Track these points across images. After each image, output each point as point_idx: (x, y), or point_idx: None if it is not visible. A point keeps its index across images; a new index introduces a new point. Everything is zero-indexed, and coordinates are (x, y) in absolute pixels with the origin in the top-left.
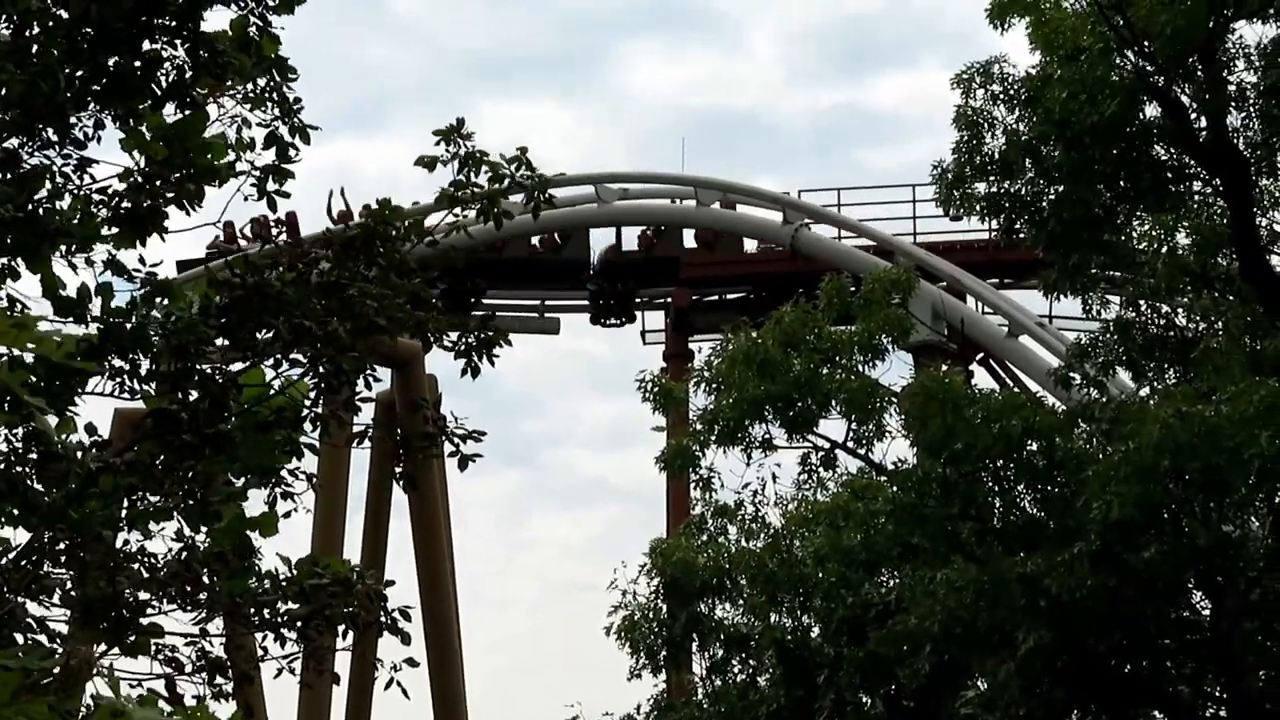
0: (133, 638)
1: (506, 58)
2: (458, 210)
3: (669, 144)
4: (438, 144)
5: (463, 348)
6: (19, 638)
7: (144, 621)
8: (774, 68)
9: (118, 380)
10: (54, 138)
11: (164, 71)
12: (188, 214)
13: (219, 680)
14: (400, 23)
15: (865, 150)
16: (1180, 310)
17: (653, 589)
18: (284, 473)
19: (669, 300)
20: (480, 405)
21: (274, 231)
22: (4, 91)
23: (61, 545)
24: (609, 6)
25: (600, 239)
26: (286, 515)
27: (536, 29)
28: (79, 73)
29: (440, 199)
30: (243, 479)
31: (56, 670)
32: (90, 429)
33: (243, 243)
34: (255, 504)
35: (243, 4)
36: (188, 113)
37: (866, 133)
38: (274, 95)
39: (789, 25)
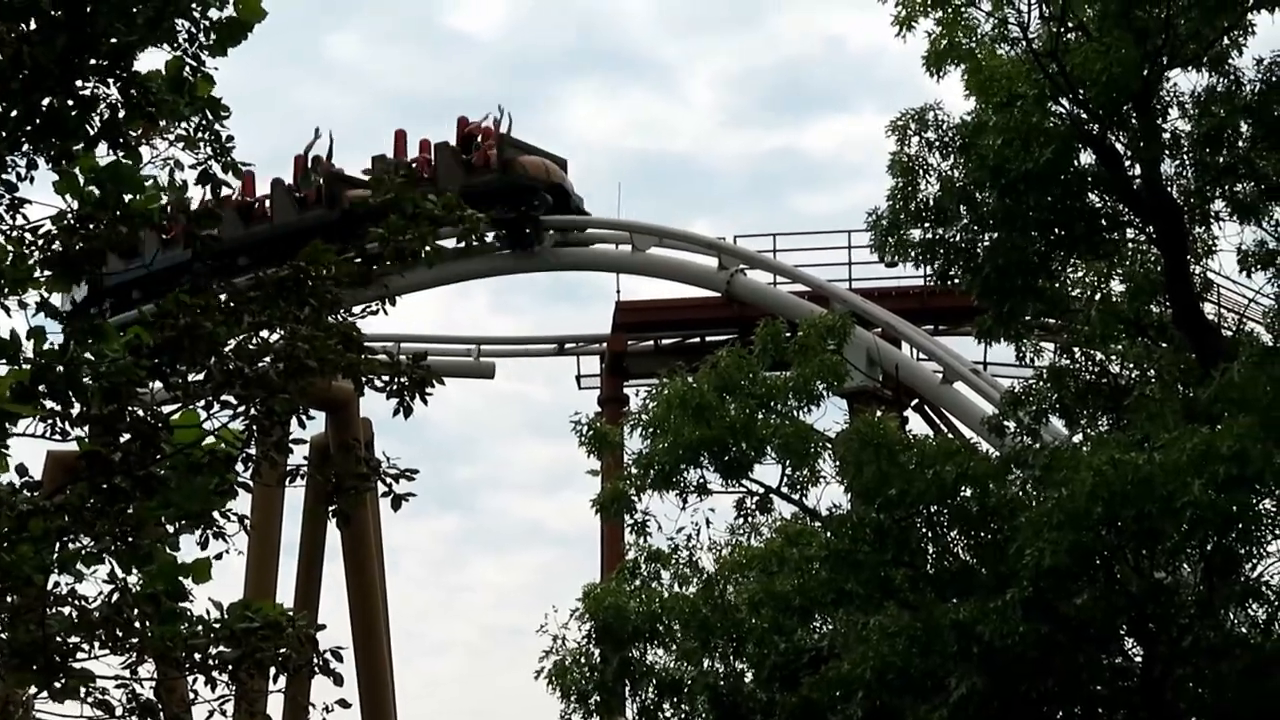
0: (63, 681)
1: (443, 100)
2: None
3: (606, 187)
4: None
5: (395, 388)
6: None
7: (74, 665)
8: (711, 112)
9: (49, 422)
10: None
11: (97, 112)
12: (120, 257)
13: None
14: (338, 66)
15: (802, 195)
16: (1114, 358)
17: (584, 634)
18: (215, 514)
19: (604, 345)
20: (416, 450)
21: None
22: None
23: None
24: (546, 50)
25: None
26: (218, 556)
27: (473, 72)
28: (12, 113)
29: (372, 239)
30: (175, 524)
31: None
32: (21, 470)
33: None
34: (187, 547)
35: (177, 45)
36: (120, 154)
37: (803, 178)
38: (207, 134)
39: (726, 69)
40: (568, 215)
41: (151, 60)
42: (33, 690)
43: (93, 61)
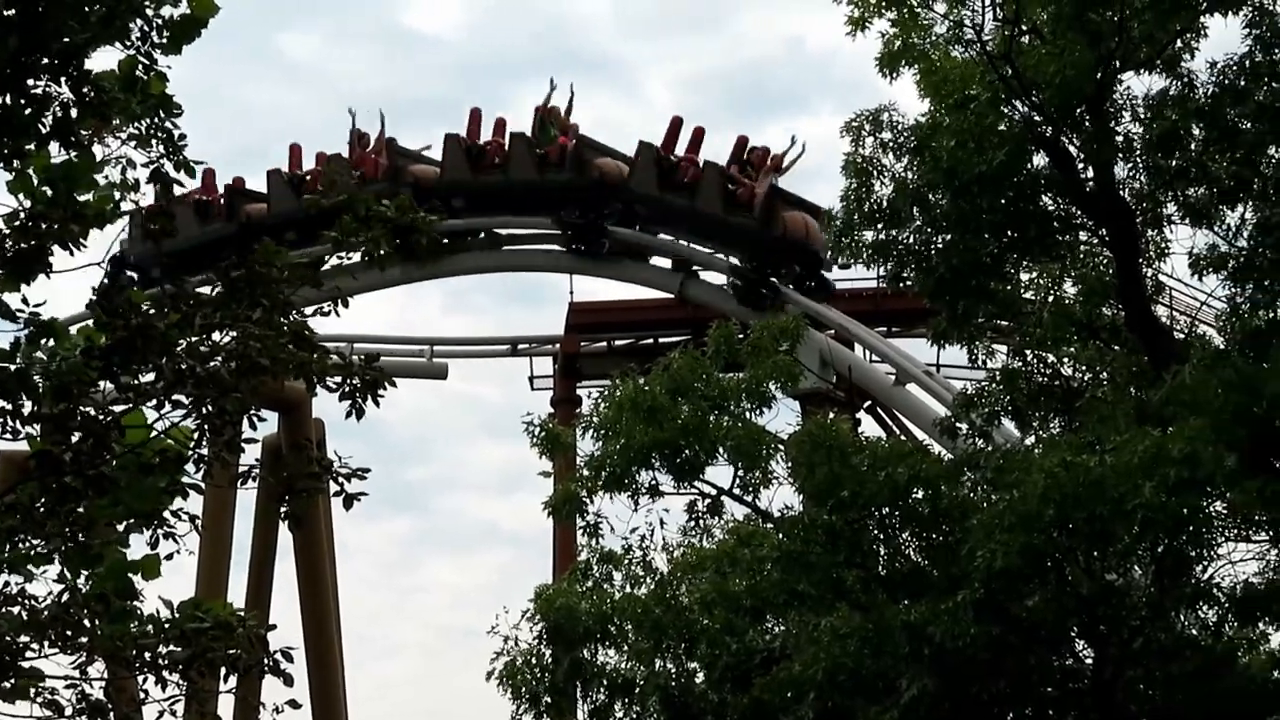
0: (12, 681)
1: (400, 101)
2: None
3: None
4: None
5: (347, 389)
6: None
7: (24, 665)
8: (670, 112)
9: (0, 421)
10: None
11: (50, 111)
12: (71, 255)
13: None
14: (294, 65)
15: None
16: (1066, 360)
17: (536, 634)
18: (166, 514)
19: (557, 346)
20: (369, 451)
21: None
22: None
23: None
24: (504, 50)
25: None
26: (169, 557)
27: (431, 73)
28: None
29: (326, 241)
30: (125, 523)
31: None
32: None
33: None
34: (138, 547)
35: (130, 44)
36: (73, 153)
37: None
38: (159, 133)
39: (684, 70)
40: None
41: (104, 59)
42: None
43: (45, 61)
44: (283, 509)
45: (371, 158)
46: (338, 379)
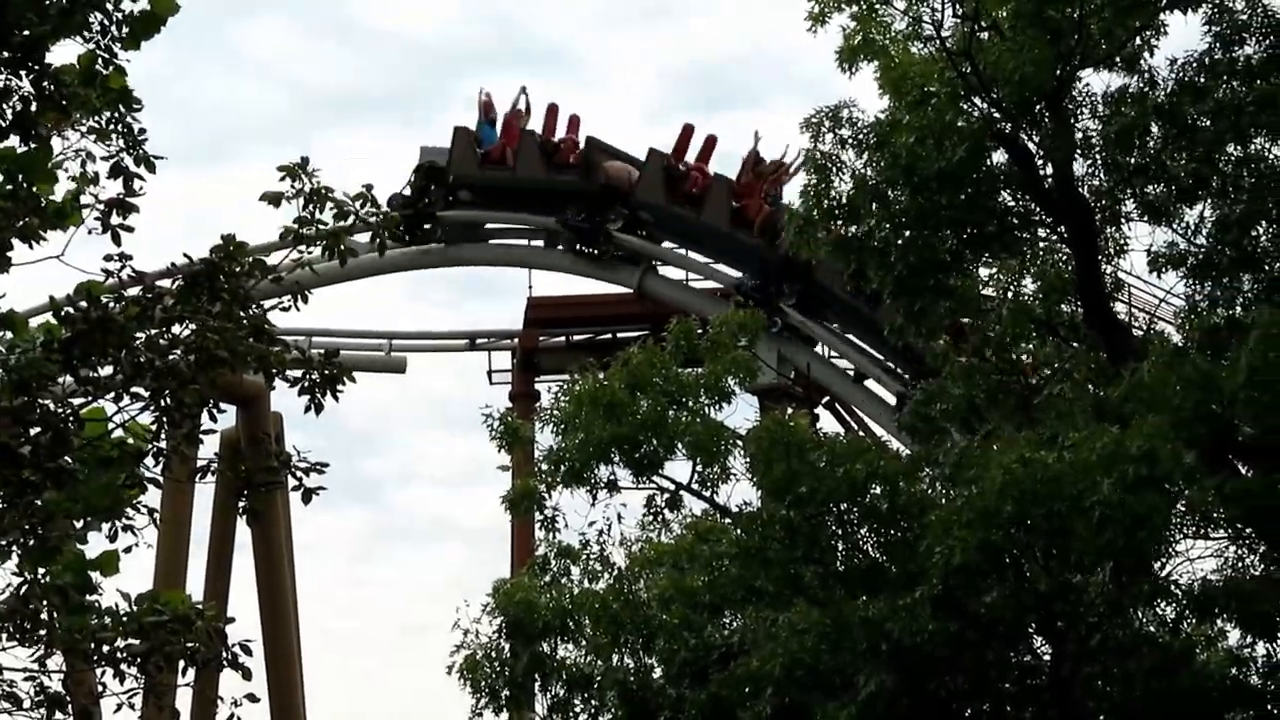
0: None
1: (360, 94)
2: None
3: None
4: (282, 179)
5: (306, 384)
6: None
7: None
8: (630, 108)
9: None
10: None
11: (9, 104)
12: (30, 248)
13: (58, 716)
14: (254, 61)
15: None
16: (1024, 357)
17: (495, 629)
18: (125, 507)
19: (516, 341)
20: (327, 444)
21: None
22: None
23: None
24: (464, 44)
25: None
26: (127, 550)
27: (391, 65)
28: None
29: (284, 235)
30: (84, 518)
31: None
32: None
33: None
34: (96, 541)
35: (90, 38)
36: (32, 146)
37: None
38: (119, 127)
39: (645, 66)
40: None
41: (64, 53)
42: None
43: (4, 54)
44: (241, 503)
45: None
46: (297, 373)
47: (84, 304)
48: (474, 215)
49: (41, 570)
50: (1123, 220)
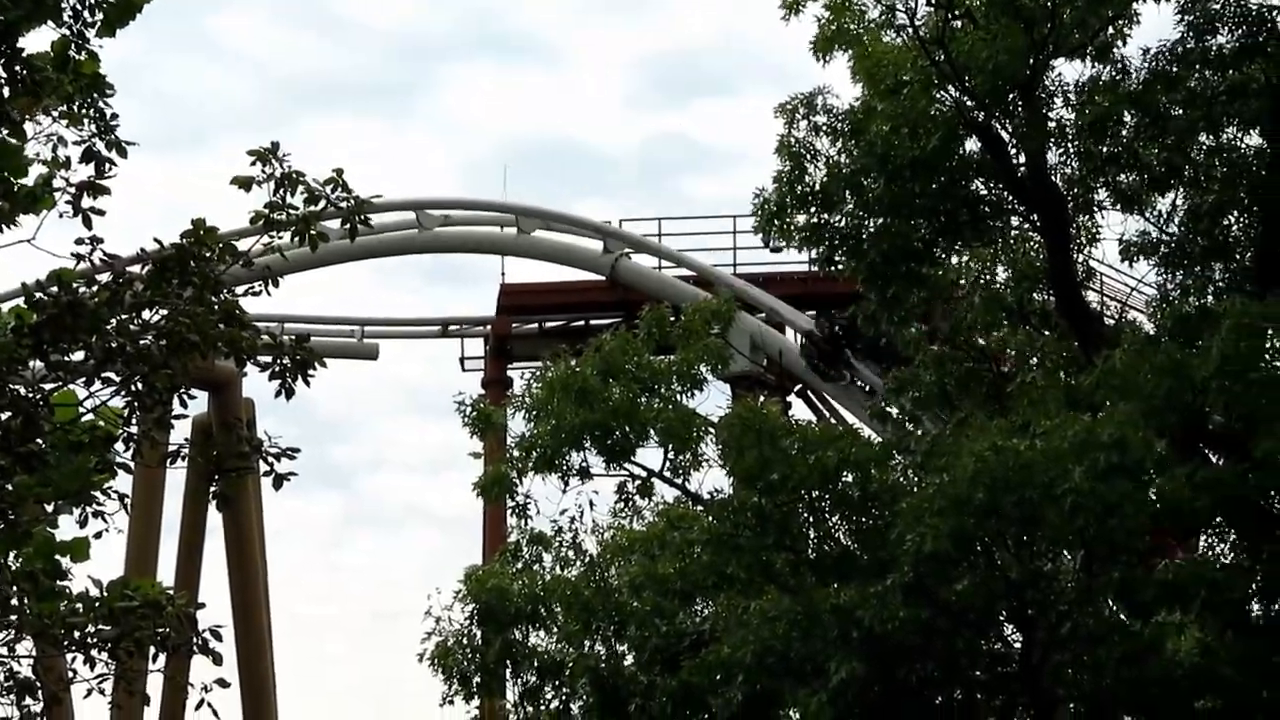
0: None
1: (334, 83)
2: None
3: (496, 170)
4: (254, 164)
5: (277, 369)
6: None
7: None
8: (604, 96)
9: None
10: None
11: None
12: (1, 232)
13: (28, 701)
14: (226, 48)
15: (692, 179)
16: (996, 345)
17: (466, 616)
18: (95, 492)
19: (488, 328)
20: (299, 430)
21: None
22: None
23: None
24: (437, 32)
25: None
26: (98, 535)
27: (365, 54)
28: None
29: (255, 220)
30: (54, 502)
31: None
32: None
33: None
34: (67, 526)
35: (63, 24)
36: (4, 130)
37: (693, 162)
38: (91, 112)
39: (619, 54)
40: None
41: (38, 40)
42: None
43: None
44: (212, 489)
45: None
46: (268, 358)
47: (55, 289)
48: None
49: (12, 555)
50: (1095, 209)
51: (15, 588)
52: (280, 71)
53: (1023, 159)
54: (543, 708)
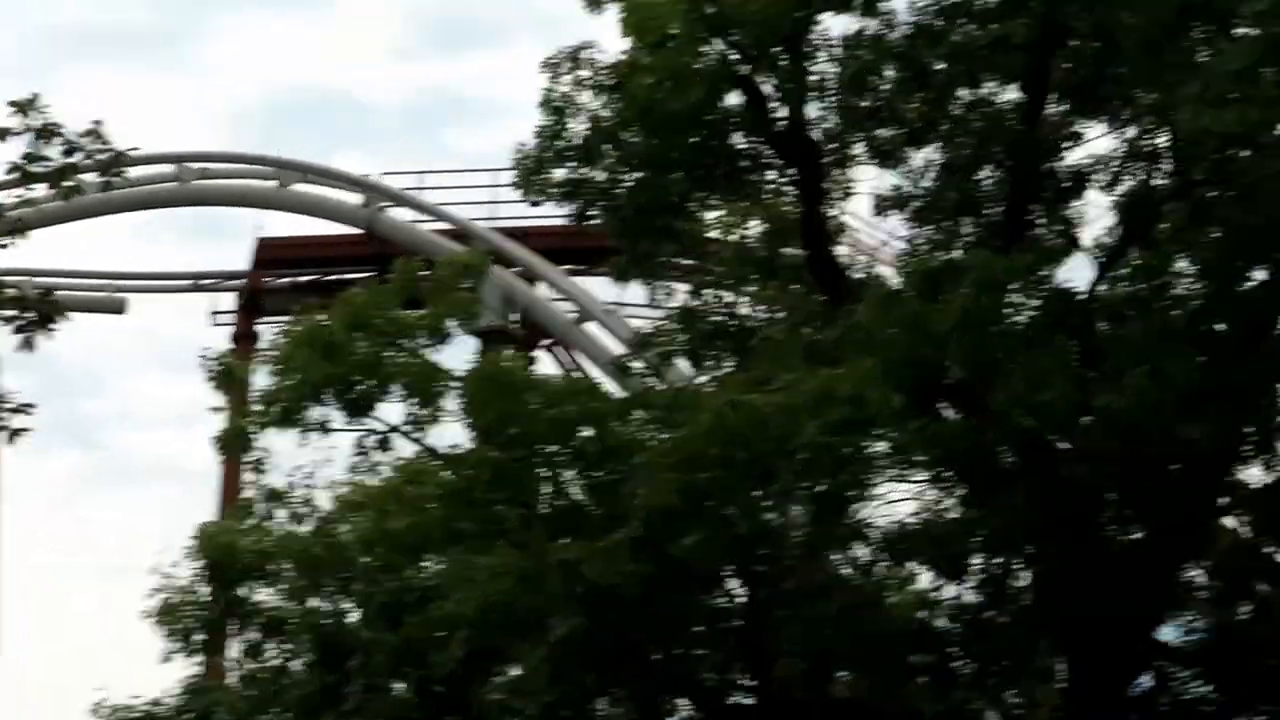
0: None
1: (100, 33)
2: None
3: (264, 122)
4: (14, 115)
5: (21, 322)
6: None
7: None
8: (371, 46)
9: None
10: None
11: None
12: None
13: None
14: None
15: (458, 132)
16: (744, 299)
17: (194, 572)
18: None
19: (243, 282)
20: (40, 382)
21: None
22: None
23: None
24: None
25: None
26: None
27: (133, 3)
28: None
29: (11, 171)
30: None
31: None
32: None
33: None
34: None
35: None
36: None
37: (460, 115)
38: None
39: (393, 2)
40: None
41: None
42: None
43: None
44: None
45: None
46: (12, 311)
47: None
48: None
49: None
50: (851, 163)
51: None
52: (41, 20)
53: (786, 114)
54: (264, 663)
